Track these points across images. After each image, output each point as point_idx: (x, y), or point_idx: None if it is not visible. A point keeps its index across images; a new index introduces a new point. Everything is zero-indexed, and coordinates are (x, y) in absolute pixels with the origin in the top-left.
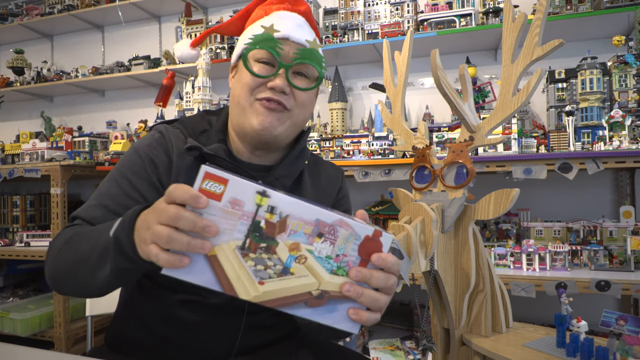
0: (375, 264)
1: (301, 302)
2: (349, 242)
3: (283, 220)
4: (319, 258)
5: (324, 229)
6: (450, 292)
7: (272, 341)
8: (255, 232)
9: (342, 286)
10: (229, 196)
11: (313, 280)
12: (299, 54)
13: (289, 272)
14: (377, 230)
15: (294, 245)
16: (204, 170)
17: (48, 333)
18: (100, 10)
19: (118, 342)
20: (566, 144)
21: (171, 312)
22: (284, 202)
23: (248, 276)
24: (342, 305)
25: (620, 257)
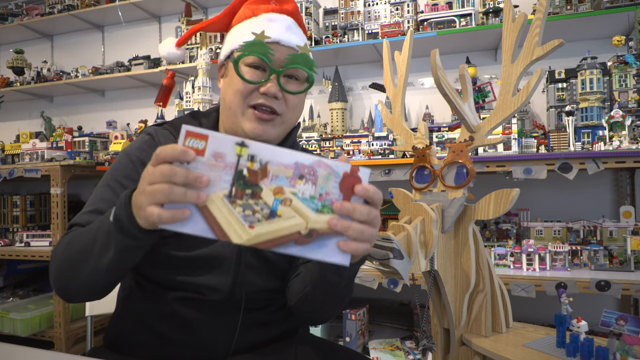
0: (358, 194)
1: (291, 241)
2: (329, 180)
3: (264, 167)
4: (303, 199)
5: (304, 170)
6: (450, 292)
7: (270, 339)
8: (239, 180)
9: (330, 221)
10: (211, 150)
11: (300, 220)
12: (290, 58)
13: (277, 215)
14: (354, 166)
15: (277, 189)
16: (185, 129)
17: (48, 333)
18: (100, 10)
19: (117, 342)
20: (566, 144)
21: (169, 310)
22: (262, 150)
23: (238, 221)
24: (331, 241)
25: (620, 257)
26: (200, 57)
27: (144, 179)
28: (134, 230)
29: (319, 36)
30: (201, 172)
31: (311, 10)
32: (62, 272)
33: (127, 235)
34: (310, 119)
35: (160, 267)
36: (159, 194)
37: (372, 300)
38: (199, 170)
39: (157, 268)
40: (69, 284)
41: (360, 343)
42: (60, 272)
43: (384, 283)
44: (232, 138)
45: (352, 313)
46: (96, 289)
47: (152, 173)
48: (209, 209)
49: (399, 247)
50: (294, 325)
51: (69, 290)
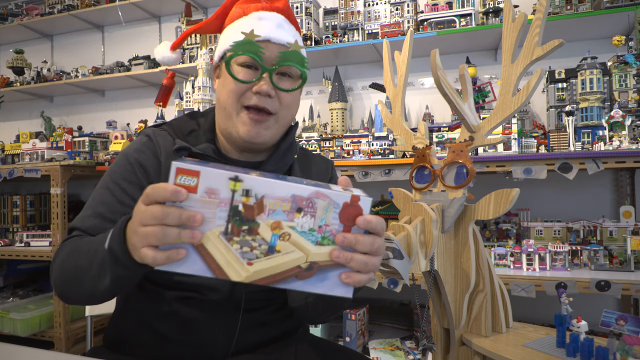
0: (360, 227)
1: (292, 276)
2: (328, 211)
3: (260, 202)
4: (302, 232)
5: (302, 203)
6: (450, 292)
7: (270, 339)
8: (235, 216)
9: (331, 253)
10: (203, 187)
11: (300, 254)
12: (281, 56)
13: (275, 250)
14: (354, 196)
15: (275, 224)
16: (175, 166)
17: (48, 333)
18: (100, 10)
19: (117, 341)
20: (566, 144)
21: (170, 309)
22: (257, 184)
23: (236, 259)
24: (333, 273)
25: (620, 257)
26: (200, 57)
27: (136, 217)
28: (128, 262)
29: (319, 36)
30: (195, 209)
31: (311, 10)
32: (64, 282)
33: (122, 267)
34: (310, 119)
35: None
36: (152, 237)
37: (372, 300)
38: (192, 208)
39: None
40: (69, 293)
41: (360, 343)
42: (61, 281)
43: (384, 283)
44: (225, 173)
45: (352, 313)
46: (96, 301)
47: (143, 212)
48: (205, 247)
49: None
50: (293, 325)
51: (70, 299)
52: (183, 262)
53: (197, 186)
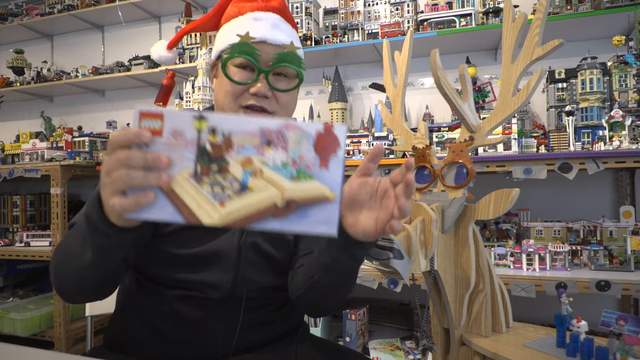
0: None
1: (268, 215)
2: (301, 143)
3: (227, 139)
4: (275, 167)
5: (271, 136)
6: (450, 292)
7: (271, 339)
8: (202, 156)
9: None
10: (168, 128)
11: (275, 192)
12: (277, 57)
13: (248, 189)
14: (327, 124)
15: (245, 161)
16: (138, 111)
17: (48, 333)
18: (100, 10)
19: (117, 341)
20: (566, 144)
21: (170, 308)
22: (223, 121)
23: (207, 200)
24: (313, 211)
25: (620, 257)
26: (200, 57)
27: (103, 170)
28: (105, 228)
29: (319, 36)
30: (161, 153)
31: (311, 10)
32: (58, 272)
33: (99, 234)
34: (310, 119)
35: (160, 265)
36: (118, 182)
37: (372, 300)
38: (159, 151)
39: (157, 266)
40: (63, 283)
41: (360, 343)
42: (56, 272)
43: (384, 283)
44: (188, 113)
45: (352, 313)
46: (90, 289)
47: (108, 162)
48: (175, 191)
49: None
50: (294, 325)
51: (65, 289)
52: (153, 209)
53: (162, 129)
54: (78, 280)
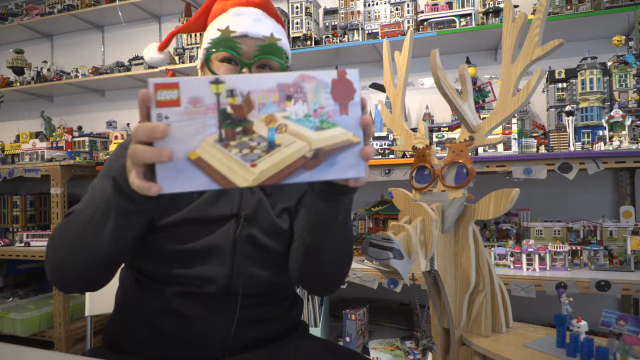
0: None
1: (299, 168)
2: (319, 93)
3: (247, 99)
4: (298, 120)
5: (289, 90)
6: (450, 292)
7: (270, 337)
8: (225, 120)
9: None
10: (186, 97)
11: (302, 144)
12: (259, 50)
13: (276, 145)
14: (341, 71)
15: (269, 118)
16: (152, 82)
17: (48, 333)
18: (100, 10)
19: (116, 341)
20: (566, 144)
21: (168, 306)
22: (240, 81)
23: (238, 163)
24: (340, 156)
25: (620, 257)
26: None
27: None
28: (131, 193)
29: (319, 36)
30: (182, 123)
31: (311, 10)
32: (58, 252)
33: (125, 198)
34: None
35: (156, 261)
36: (130, 157)
37: (372, 300)
38: (179, 122)
39: (153, 263)
40: (63, 265)
41: (360, 343)
42: (55, 257)
43: (384, 283)
44: (204, 78)
45: (352, 313)
46: (95, 268)
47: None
48: (203, 159)
49: (399, 247)
50: (293, 324)
51: (62, 273)
52: (185, 180)
53: (179, 99)
54: (83, 258)
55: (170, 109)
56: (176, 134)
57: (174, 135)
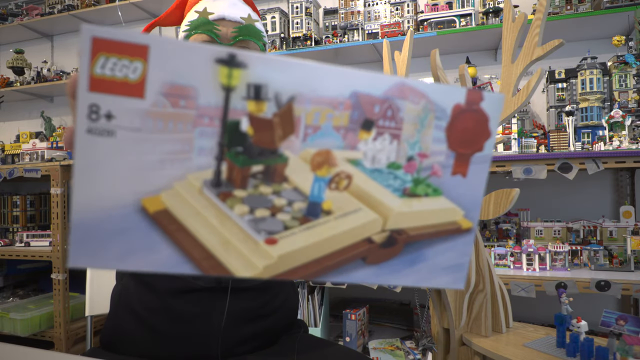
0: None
1: (354, 258)
2: (426, 126)
3: (287, 109)
4: (375, 172)
5: (373, 110)
6: (450, 292)
7: (267, 331)
8: (234, 144)
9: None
10: (159, 81)
11: (372, 216)
12: (236, 31)
13: (322, 211)
14: (474, 92)
15: (320, 157)
16: (89, 35)
17: (48, 333)
18: (100, 10)
19: (113, 341)
20: (566, 144)
21: (161, 303)
22: (279, 70)
23: (243, 234)
24: (434, 249)
25: (620, 257)
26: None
27: None
28: None
29: (319, 36)
30: (142, 135)
31: (311, 10)
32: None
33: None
34: None
35: None
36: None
37: (372, 300)
38: (135, 133)
39: None
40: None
41: (360, 343)
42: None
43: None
44: (207, 49)
45: (352, 313)
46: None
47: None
48: (172, 214)
49: None
50: (290, 316)
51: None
52: (124, 251)
53: (143, 80)
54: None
55: (121, 100)
56: (125, 155)
57: (120, 157)
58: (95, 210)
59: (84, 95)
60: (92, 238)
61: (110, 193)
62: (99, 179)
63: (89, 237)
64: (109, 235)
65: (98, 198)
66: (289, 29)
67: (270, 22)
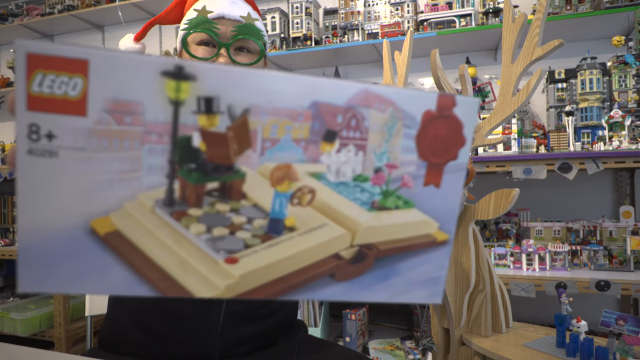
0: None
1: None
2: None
3: (242, 122)
4: (340, 185)
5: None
6: (450, 292)
7: (266, 333)
8: (186, 161)
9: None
10: (102, 98)
11: (339, 231)
12: (236, 30)
13: (285, 228)
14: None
15: (280, 172)
16: (24, 51)
17: (48, 333)
18: (100, 10)
19: (111, 342)
20: (566, 144)
21: (157, 303)
22: (232, 81)
23: (200, 254)
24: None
25: (620, 257)
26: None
27: None
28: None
29: (319, 36)
30: (87, 154)
31: (311, 10)
32: None
33: None
34: None
35: None
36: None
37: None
38: (79, 153)
39: None
40: None
41: (360, 343)
42: None
43: None
44: (151, 60)
45: (352, 313)
46: None
47: None
48: (124, 236)
49: None
50: (289, 317)
51: None
52: (75, 275)
53: (84, 97)
54: None
55: (62, 119)
56: (70, 176)
57: (64, 178)
58: (41, 234)
59: (22, 115)
60: (40, 262)
61: (57, 215)
62: (43, 201)
63: (36, 261)
64: (58, 259)
65: (44, 221)
66: (289, 29)
67: (270, 22)
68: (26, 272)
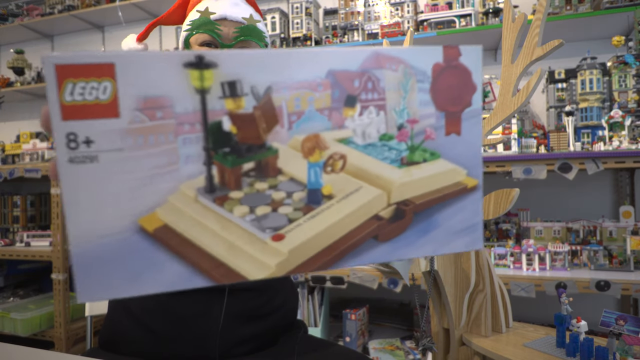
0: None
1: (367, 238)
2: (409, 91)
3: (266, 100)
4: (368, 147)
5: (353, 84)
6: (450, 292)
7: (266, 332)
8: (220, 146)
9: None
10: (132, 97)
11: (375, 192)
12: (238, 31)
13: (323, 196)
14: (449, 48)
15: (310, 143)
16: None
17: (48, 333)
18: (100, 10)
19: (111, 341)
20: (566, 144)
21: (157, 302)
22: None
23: (248, 235)
24: (444, 214)
25: (620, 257)
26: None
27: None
28: None
29: (319, 36)
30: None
31: (311, 10)
32: None
33: None
34: None
35: None
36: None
37: (372, 300)
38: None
39: None
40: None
41: (360, 343)
42: None
43: (384, 283)
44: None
45: (352, 313)
46: None
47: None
48: (173, 230)
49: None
50: (290, 317)
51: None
52: (132, 276)
53: (115, 99)
54: None
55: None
56: (113, 178)
57: (108, 181)
58: (93, 241)
59: (59, 126)
60: (96, 270)
61: (105, 219)
62: (90, 207)
63: (92, 269)
64: (113, 264)
65: (93, 227)
66: (289, 29)
67: (270, 23)
68: (84, 282)
